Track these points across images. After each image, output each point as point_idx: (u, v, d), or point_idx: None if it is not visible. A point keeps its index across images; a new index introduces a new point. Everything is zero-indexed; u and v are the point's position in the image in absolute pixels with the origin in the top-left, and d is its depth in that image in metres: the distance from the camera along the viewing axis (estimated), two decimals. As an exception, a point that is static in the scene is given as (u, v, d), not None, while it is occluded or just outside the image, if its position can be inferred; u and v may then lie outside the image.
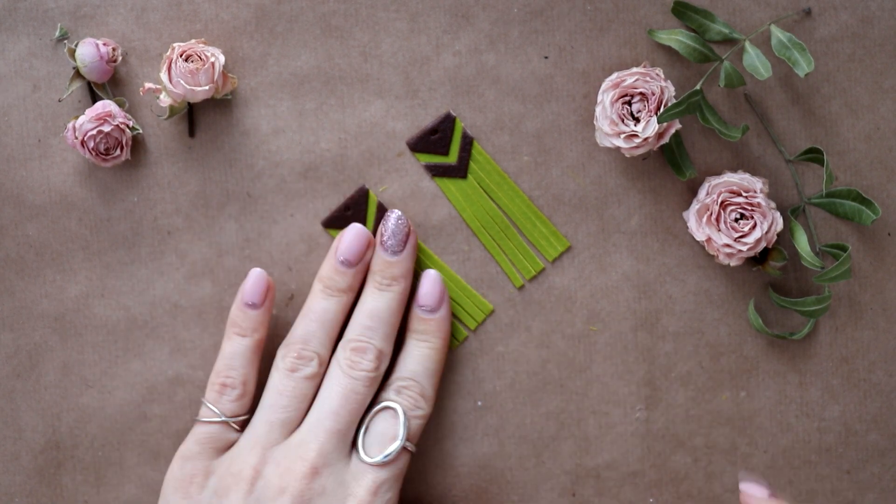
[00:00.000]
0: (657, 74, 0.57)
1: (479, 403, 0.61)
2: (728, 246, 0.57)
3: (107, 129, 0.57)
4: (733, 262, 0.58)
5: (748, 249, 0.57)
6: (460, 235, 0.61)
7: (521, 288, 0.61)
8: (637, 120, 0.57)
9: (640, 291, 0.61)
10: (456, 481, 0.61)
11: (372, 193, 0.60)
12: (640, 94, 0.56)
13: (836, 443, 0.61)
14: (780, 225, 0.58)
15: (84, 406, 0.61)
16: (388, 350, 0.58)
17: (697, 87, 0.56)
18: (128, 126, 0.58)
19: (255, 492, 0.54)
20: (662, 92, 0.56)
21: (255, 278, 0.58)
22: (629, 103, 0.57)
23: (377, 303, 0.58)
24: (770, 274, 0.60)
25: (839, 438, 0.61)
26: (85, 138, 0.57)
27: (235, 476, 0.55)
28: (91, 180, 0.60)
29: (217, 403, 0.57)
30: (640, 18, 0.59)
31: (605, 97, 0.57)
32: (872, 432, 0.61)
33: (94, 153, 0.57)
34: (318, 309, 0.58)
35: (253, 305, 0.58)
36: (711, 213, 0.57)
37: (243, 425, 0.58)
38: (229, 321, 0.58)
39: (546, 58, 0.60)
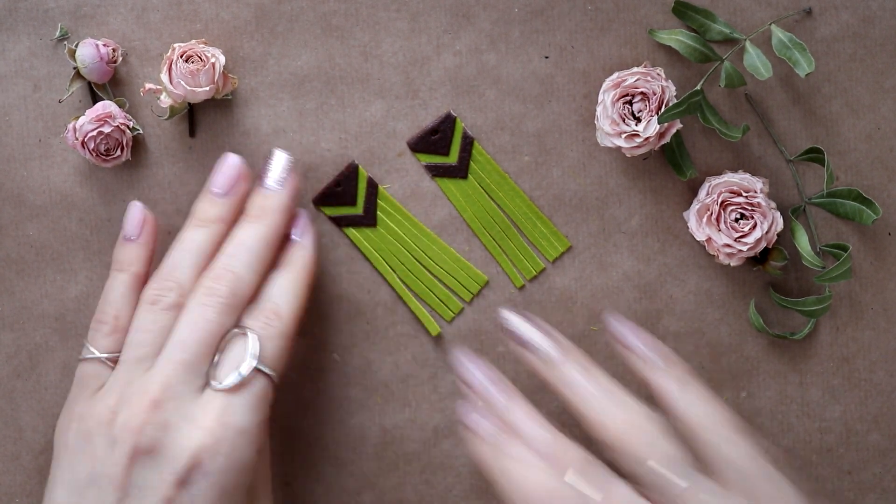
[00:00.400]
0: (658, 74, 0.57)
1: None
2: (728, 246, 0.57)
3: (107, 129, 0.57)
4: (733, 262, 0.58)
5: (748, 249, 0.57)
6: (461, 236, 0.61)
7: (522, 288, 0.61)
8: (638, 120, 0.57)
9: (640, 291, 0.61)
10: (456, 481, 0.61)
11: (362, 169, 0.60)
12: (642, 93, 0.56)
13: (836, 443, 0.61)
14: (780, 225, 0.58)
15: (84, 406, 0.61)
16: (251, 280, 0.55)
17: (698, 87, 0.56)
18: (128, 127, 0.58)
19: (113, 433, 0.52)
20: (664, 92, 0.56)
21: (133, 211, 0.57)
22: (630, 103, 0.57)
23: (245, 231, 0.56)
24: (771, 274, 0.60)
25: (840, 439, 0.61)
26: (85, 139, 0.57)
27: (96, 419, 0.53)
28: (91, 180, 0.60)
29: (93, 341, 0.56)
30: (640, 18, 0.59)
31: (606, 97, 0.57)
32: (873, 433, 0.61)
33: (94, 154, 0.57)
34: (186, 239, 0.56)
35: (130, 239, 0.57)
36: (712, 213, 0.57)
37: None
38: (113, 260, 0.58)
39: (547, 58, 0.60)
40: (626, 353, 0.54)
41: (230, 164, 0.57)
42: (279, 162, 0.58)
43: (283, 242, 0.58)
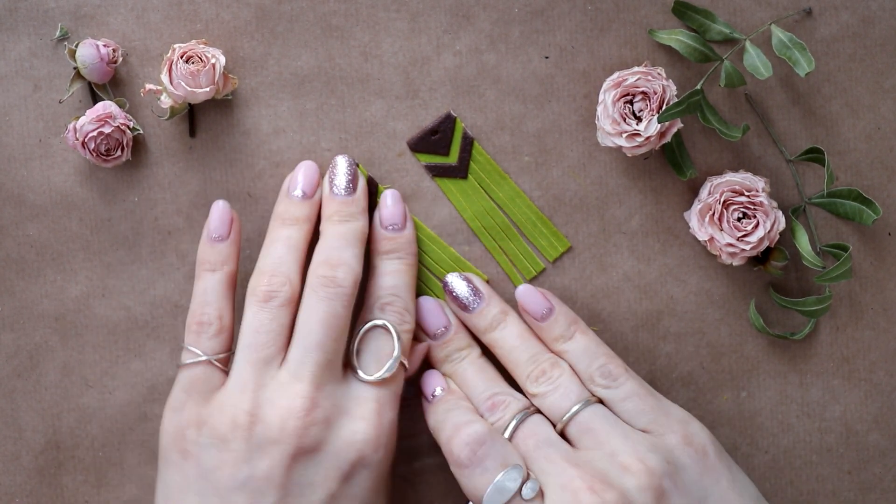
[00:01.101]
0: (659, 73, 0.57)
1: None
2: (731, 245, 0.57)
3: (107, 130, 0.57)
4: (736, 262, 0.58)
5: (751, 248, 0.57)
6: (461, 236, 0.61)
7: (522, 288, 0.61)
8: (639, 119, 0.57)
9: (641, 292, 0.61)
10: (457, 482, 0.61)
11: (362, 168, 0.60)
12: (642, 92, 0.56)
13: (836, 443, 0.61)
14: (782, 224, 0.58)
15: (84, 406, 0.61)
16: (359, 270, 0.57)
17: (698, 86, 0.56)
18: (128, 127, 0.58)
19: (254, 437, 0.53)
20: (664, 91, 0.56)
21: (219, 211, 0.58)
22: (631, 102, 0.57)
23: (339, 228, 0.57)
24: (771, 274, 0.60)
25: (840, 439, 0.61)
26: (86, 140, 0.57)
27: (230, 424, 0.53)
28: (92, 180, 0.60)
29: (197, 344, 0.56)
30: (640, 18, 0.59)
31: (607, 96, 0.57)
32: (873, 432, 0.61)
33: (94, 154, 0.57)
34: (281, 236, 0.57)
35: (220, 238, 0.57)
36: (714, 213, 0.57)
37: (226, 363, 0.56)
38: (198, 261, 0.58)
39: (547, 58, 0.60)
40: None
41: (311, 167, 0.59)
42: (342, 168, 0.58)
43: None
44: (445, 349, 0.59)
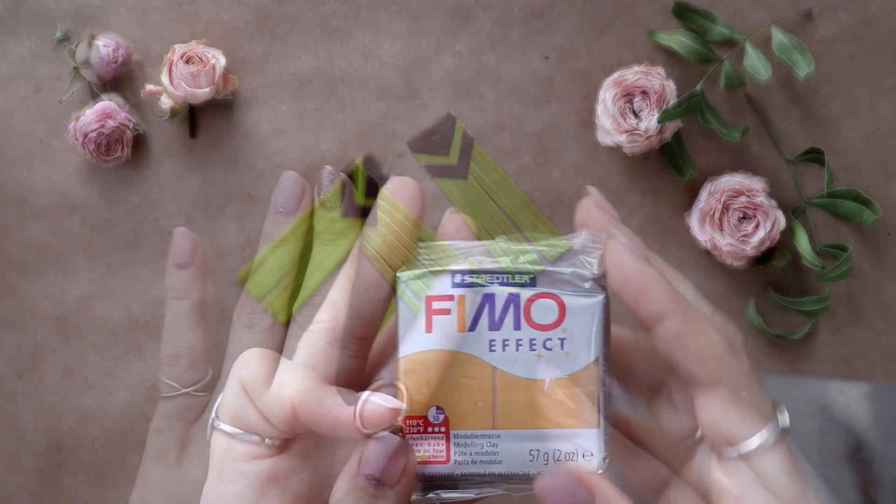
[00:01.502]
0: (659, 73, 0.57)
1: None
2: (732, 245, 0.57)
3: (107, 129, 0.57)
4: (737, 263, 0.58)
5: (752, 249, 0.57)
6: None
7: (522, 288, 0.61)
8: (639, 118, 0.57)
9: (640, 292, 0.61)
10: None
11: (361, 168, 0.60)
12: (642, 91, 0.56)
13: (836, 443, 0.61)
14: (782, 223, 0.58)
15: (85, 406, 0.61)
16: (345, 301, 0.57)
17: (698, 87, 0.56)
18: (128, 127, 0.58)
19: (232, 457, 0.52)
20: (664, 89, 0.56)
21: (179, 238, 0.57)
22: (630, 101, 0.57)
23: (323, 255, 0.56)
24: (773, 274, 0.60)
25: (839, 438, 0.61)
26: (86, 139, 0.57)
27: (211, 444, 0.52)
28: (92, 181, 0.60)
29: (172, 377, 0.56)
30: (640, 19, 0.59)
31: (607, 95, 0.57)
32: (873, 432, 0.61)
33: (94, 153, 0.57)
34: (265, 262, 0.57)
35: (182, 266, 0.57)
36: (714, 214, 0.57)
37: (205, 389, 0.57)
38: (165, 286, 0.57)
39: (546, 58, 0.60)
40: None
41: (291, 181, 0.58)
42: (325, 183, 0.58)
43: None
44: None
